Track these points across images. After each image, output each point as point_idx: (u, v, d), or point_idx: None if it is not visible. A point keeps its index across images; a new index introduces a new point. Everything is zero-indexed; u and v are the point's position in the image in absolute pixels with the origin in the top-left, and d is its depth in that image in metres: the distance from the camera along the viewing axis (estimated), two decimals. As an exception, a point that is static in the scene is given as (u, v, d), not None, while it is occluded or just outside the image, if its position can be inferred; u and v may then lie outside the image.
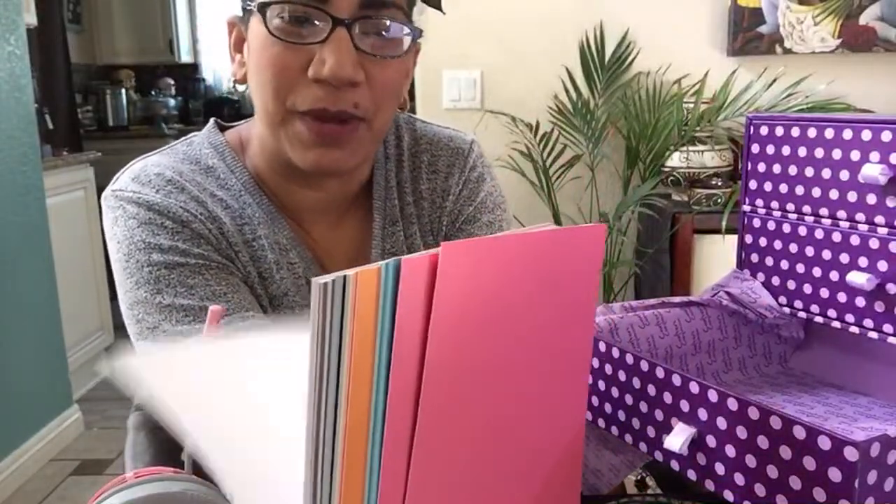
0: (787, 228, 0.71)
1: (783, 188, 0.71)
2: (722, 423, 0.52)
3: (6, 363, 2.42)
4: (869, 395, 0.71)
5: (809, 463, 0.47)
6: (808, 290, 0.70)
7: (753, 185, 0.74)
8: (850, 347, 0.73)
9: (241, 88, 5.27)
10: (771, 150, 0.72)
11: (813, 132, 0.68)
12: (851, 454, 0.45)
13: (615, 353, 0.61)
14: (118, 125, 5.27)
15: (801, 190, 0.70)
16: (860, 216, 0.65)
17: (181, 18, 5.53)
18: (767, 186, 0.73)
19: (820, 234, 0.68)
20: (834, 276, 0.68)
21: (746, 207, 0.75)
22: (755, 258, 0.75)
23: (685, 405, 0.55)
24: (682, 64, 2.29)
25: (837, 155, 0.66)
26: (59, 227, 2.84)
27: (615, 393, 0.61)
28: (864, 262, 0.65)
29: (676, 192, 2.14)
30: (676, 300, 0.75)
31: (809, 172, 0.69)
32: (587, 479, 0.69)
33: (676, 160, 2.10)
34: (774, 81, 2.15)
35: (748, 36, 2.25)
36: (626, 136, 2.21)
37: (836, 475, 0.45)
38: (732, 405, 0.51)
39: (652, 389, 0.58)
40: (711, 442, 0.53)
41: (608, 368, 0.62)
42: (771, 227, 0.73)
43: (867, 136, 0.64)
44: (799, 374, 0.76)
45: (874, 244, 0.64)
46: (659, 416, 0.57)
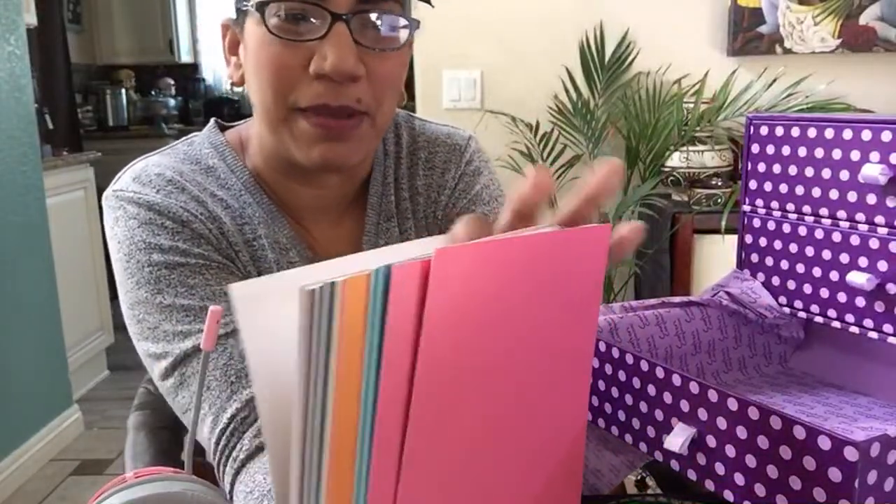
0: (787, 228, 0.71)
1: (783, 188, 0.71)
2: (722, 423, 0.52)
3: (6, 363, 2.42)
4: (869, 395, 0.71)
5: (809, 463, 0.47)
6: (808, 290, 0.70)
7: (753, 185, 0.74)
8: (850, 347, 0.73)
9: (238, 90, 5.28)
10: (771, 150, 0.72)
11: (813, 132, 0.68)
12: (851, 454, 0.45)
13: (615, 353, 0.61)
14: (118, 125, 5.28)
15: (801, 190, 0.70)
16: (860, 216, 0.65)
17: (181, 18, 5.54)
18: (767, 186, 0.73)
19: (820, 234, 0.68)
20: (834, 276, 0.68)
21: (746, 207, 0.75)
22: (755, 258, 0.75)
23: (685, 405, 0.55)
24: (682, 64, 2.29)
25: (837, 155, 0.66)
26: (59, 227, 2.84)
27: (615, 393, 0.61)
28: (864, 262, 0.65)
29: (676, 192, 2.14)
30: (676, 300, 0.75)
31: (809, 172, 0.69)
32: (587, 479, 0.69)
33: (676, 160, 2.10)
34: (774, 81, 2.15)
35: (748, 36, 2.25)
36: (626, 136, 2.21)
37: (836, 475, 0.45)
38: (732, 405, 0.51)
39: (652, 389, 0.58)
40: (711, 442, 0.53)
41: (608, 368, 0.62)
42: (771, 227, 0.73)
43: (867, 136, 0.64)
44: (799, 374, 0.76)
45: (874, 244, 0.64)
46: (659, 416, 0.57)
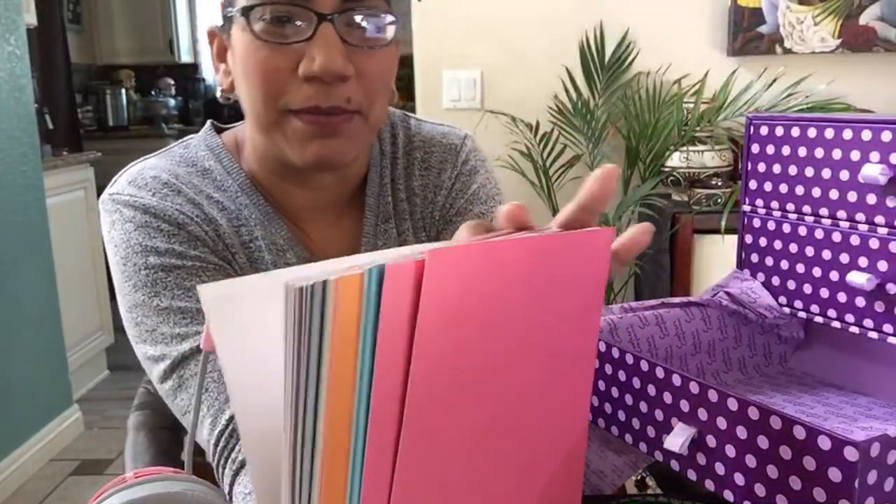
0: (787, 228, 0.71)
1: (783, 188, 0.71)
2: (722, 423, 0.52)
3: (6, 363, 2.42)
4: (869, 395, 0.71)
5: (809, 463, 0.47)
6: (808, 290, 0.70)
7: (753, 185, 0.74)
8: (850, 347, 0.73)
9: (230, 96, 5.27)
10: (771, 150, 0.72)
11: (813, 132, 0.68)
12: (851, 454, 0.45)
13: (615, 353, 0.61)
14: (118, 125, 5.28)
15: (801, 190, 0.70)
16: (860, 216, 0.65)
17: (181, 18, 5.53)
18: (767, 186, 0.73)
19: (820, 234, 0.68)
20: (834, 276, 0.68)
21: (746, 207, 0.75)
22: (755, 258, 0.75)
23: (685, 405, 0.55)
24: (682, 64, 2.29)
25: (837, 155, 0.66)
26: (59, 227, 2.84)
27: (615, 393, 0.61)
28: (864, 262, 0.65)
29: (676, 192, 2.14)
30: (676, 300, 0.75)
31: (809, 172, 0.69)
32: (590, 480, 0.69)
33: (676, 160, 2.10)
34: (774, 81, 2.15)
35: (748, 36, 2.25)
36: (626, 136, 2.21)
37: (836, 475, 0.45)
38: (732, 405, 0.51)
39: (652, 389, 0.58)
40: (711, 442, 0.53)
41: (608, 368, 0.62)
42: (771, 227, 0.73)
43: (867, 136, 0.64)
44: (799, 374, 0.76)
45: (874, 244, 0.64)
46: (659, 416, 0.57)
